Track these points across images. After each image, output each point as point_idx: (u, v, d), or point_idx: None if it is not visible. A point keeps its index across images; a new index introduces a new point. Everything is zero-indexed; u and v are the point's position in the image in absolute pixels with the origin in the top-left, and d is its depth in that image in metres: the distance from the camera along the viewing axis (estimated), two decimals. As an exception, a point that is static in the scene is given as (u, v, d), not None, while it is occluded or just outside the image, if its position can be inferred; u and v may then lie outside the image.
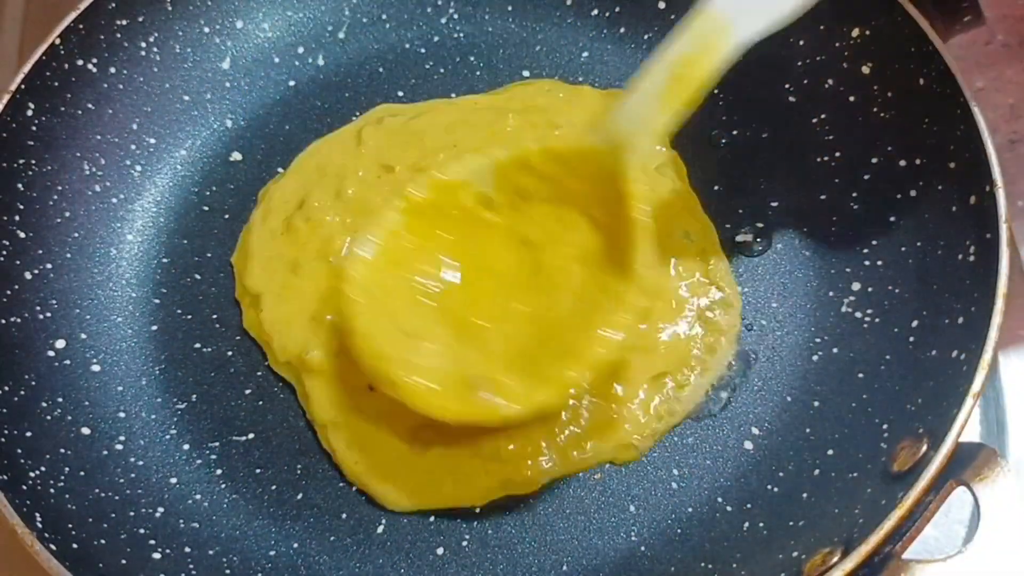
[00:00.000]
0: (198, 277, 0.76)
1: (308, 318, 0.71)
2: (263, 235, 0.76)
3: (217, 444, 0.69)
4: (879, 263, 0.70)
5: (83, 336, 0.72)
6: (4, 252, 0.70)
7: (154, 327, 0.74)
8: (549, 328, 0.64)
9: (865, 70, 0.73)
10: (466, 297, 0.67)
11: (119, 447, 0.68)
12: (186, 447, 0.69)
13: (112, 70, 0.78)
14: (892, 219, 0.70)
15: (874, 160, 0.72)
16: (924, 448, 0.56)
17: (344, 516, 0.66)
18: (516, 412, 0.60)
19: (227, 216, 0.79)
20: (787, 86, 0.78)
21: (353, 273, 0.65)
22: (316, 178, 0.79)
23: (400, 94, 0.84)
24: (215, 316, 0.75)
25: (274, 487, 0.68)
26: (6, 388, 0.65)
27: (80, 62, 0.76)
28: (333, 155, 0.80)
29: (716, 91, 0.80)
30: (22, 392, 0.66)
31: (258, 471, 0.68)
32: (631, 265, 0.61)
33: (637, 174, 0.62)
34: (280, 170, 0.81)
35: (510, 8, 0.86)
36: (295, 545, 0.65)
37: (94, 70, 0.77)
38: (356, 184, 0.77)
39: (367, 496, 0.67)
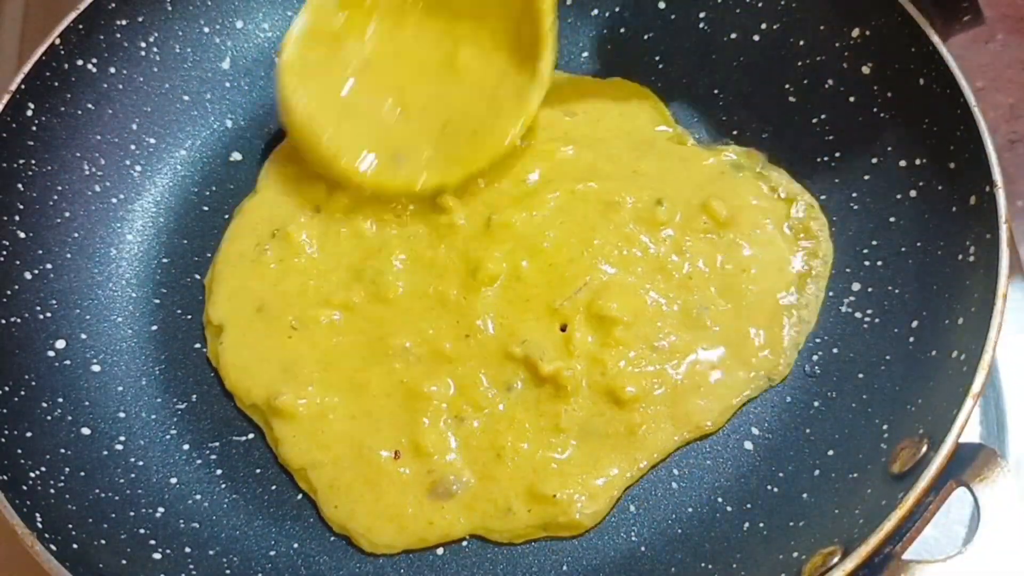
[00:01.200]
0: (198, 277, 0.76)
1: (276, 366, 0.70)
2: (230, 256, 0.75)
3: (217, 444, 0.69)
4: (879, 263, 0.70)
5: (83, 336, 0.72)
6: (4, 252, 0.70)
7: (154, 327, 0.74)
8: (463, 111, 0.73)
9: (865, 70, 0.73)
10: (390, 76, 0.75)
11: (119, 447, 0.68)
12: (186, 447, 0.69)
13: (112, 70, 0.78)
14: (892, 219, 0.70)
15: (874, 160, 0.72)
16: (924, 449, 0.56)
17: (344, 516, 0.66)
18: (430, 187, 0.72)
19: (227, 216, 0.79)
20: (787, 86, 0.78)
21: (288, 48, 0.74)
22: (289, 197, 0.77)
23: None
24: (215, 316, 0.74)
25: (274, 487, 0.68)
26: (6, 388, 0.65)
27: (80, 62, 0.76)
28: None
29: (716, 91, 0.81)
30: (22, 392, 0.66)
31: (258, 471, 0.68)
32: (536, 65, 0.72)
33: None
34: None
35: (510, 8, 0.86)
36: (295, 545, 0.65)
37: (94, 70, 0.77)
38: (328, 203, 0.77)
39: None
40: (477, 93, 0.74)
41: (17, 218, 0.72)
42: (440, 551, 0.64)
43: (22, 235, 0.72)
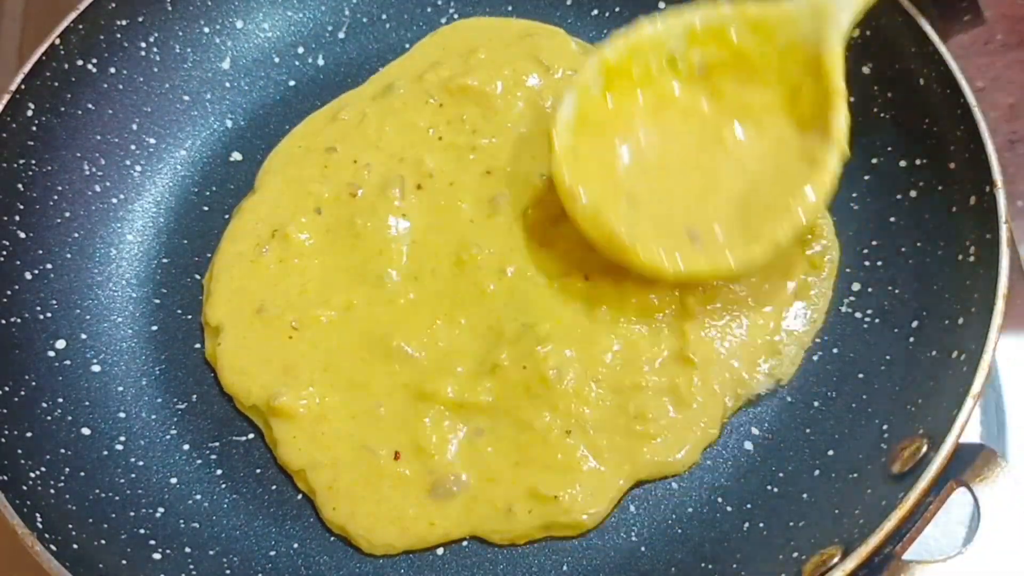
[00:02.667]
0: (198, 277, 0.76)
1: (276, 367, 0.70)
2: (230, 257, 0.75)
3: (217, 444, 0.69)
4: (879, 263, 0.70)
5: (83, 336, 0.72)
6: (4, 252, 0.70)
7: (154, 327, 0.74)
8: (748, 188, 0.68)
9: (865, 70, 0.73)
10: (663, 157, 0.70)
11: (119, 447, 0.68)
12: (186, 447, 0.69)
13: (112, 70, 0.78)
14: (892, 219, 0.70)
15: (874, 160, 0.72)
16: (924, 449, 0.56)
17: (344, 516, 0.66)
18: (731, 268, 0.65)
19: (227, 216, 0.78)
20: (787, 86, 0.78)
21: (561, 138, 0.68)
22: (289, 198, 0.77)
23: (400, 94, 0.84)
24: (215, 316, 0.74)
25: (274, 487, 0.68)
26: (6, 388, 0.66)
27: (80, 62, 0.76)
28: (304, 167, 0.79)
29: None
30: (22, 392, 0.66)
31: (258, 471, 0.68)
32: (829, 129, 0.65)
33: (838, 43, 0.66)
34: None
35: (510, 8, 0.86)
36: (295, 545, 0.65)
37: (94, 70, 0.77)
38: (330, 205, 0.76)
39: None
40: (759, 163, 0.68)
41: (17, 218, 0.72)
42: (440, 551, 0.64)
43: (22, 235, 0.72)
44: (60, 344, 0.70)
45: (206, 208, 0.80)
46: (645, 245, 0.65)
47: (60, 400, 0.68)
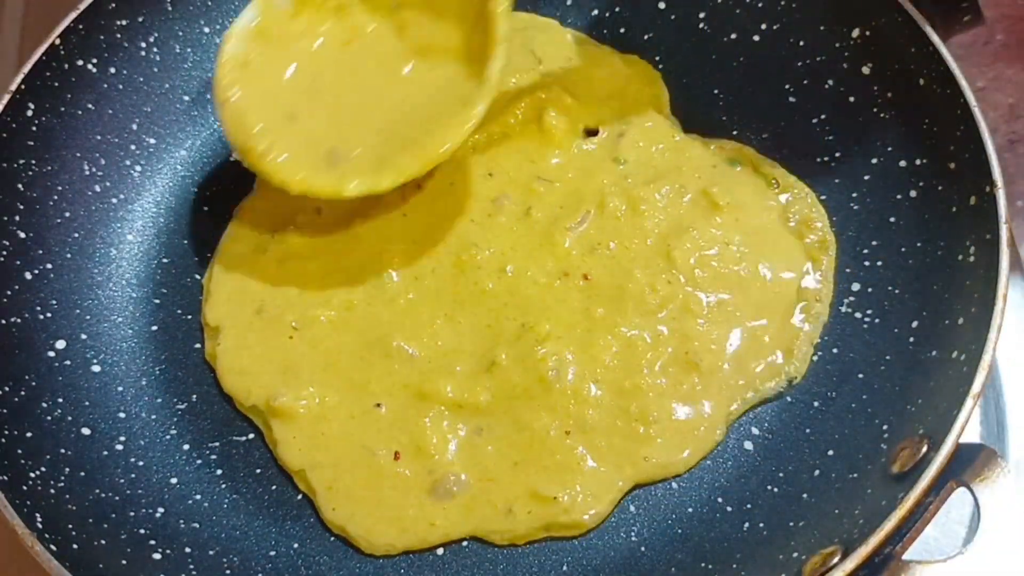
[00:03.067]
0: (198, 277, 0.76)
1: (276, 368, 0.70)
2: (230, 257, 0.75)
3: (217, 444, 0.69)
4: (879, 263, 0.70)
5: (83, 336, 0.72)
6: (4, 252, 0.70)
7: (154, 327, 0.74)
8: (401, 120, 0.71)
9: (865, 70, 0.73)
10: (333, 81, 0.73)
11: (119, 447, 0.68)
12: (186, 447, 0.69)
13: (112, 70, 0.78)
14: (892, 219, 0.70)
15: (874, 160, 0.72)
16: (924, 449, 0.56)
17: (344, 516, 0.66)
18: (360, 192, 0.68)
19: (227, 216, 0.78)
20: (787, 86, 0.78)
21: (231, 42, 0.72)
22: (288, 198, 0.75)
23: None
24: (215, 316, 0.74)
25: (274, 487, 0.68)
26: (6, 388, 0.65)
27: (80, 62, 0.76)
28: None
29: (716, 91, 0.81)
30: (22, 392, 0.66)
31: (258, 471, 0.68)
32: (485, 71, 0.68)
33: None
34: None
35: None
36: (295, 545, 0.65)
37: (94, 70, 0.77)
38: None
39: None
40: (420, 100, 0.71)
41: (17, 218, 0.72)
42: (440, 551, 0.64)
43: (22, 235, 0.72)
44: (60, 344, 0.70)
45: (206, 208, 0.80)
46: (277, 152, 0.69)
47: (60, 400, 0.68)
